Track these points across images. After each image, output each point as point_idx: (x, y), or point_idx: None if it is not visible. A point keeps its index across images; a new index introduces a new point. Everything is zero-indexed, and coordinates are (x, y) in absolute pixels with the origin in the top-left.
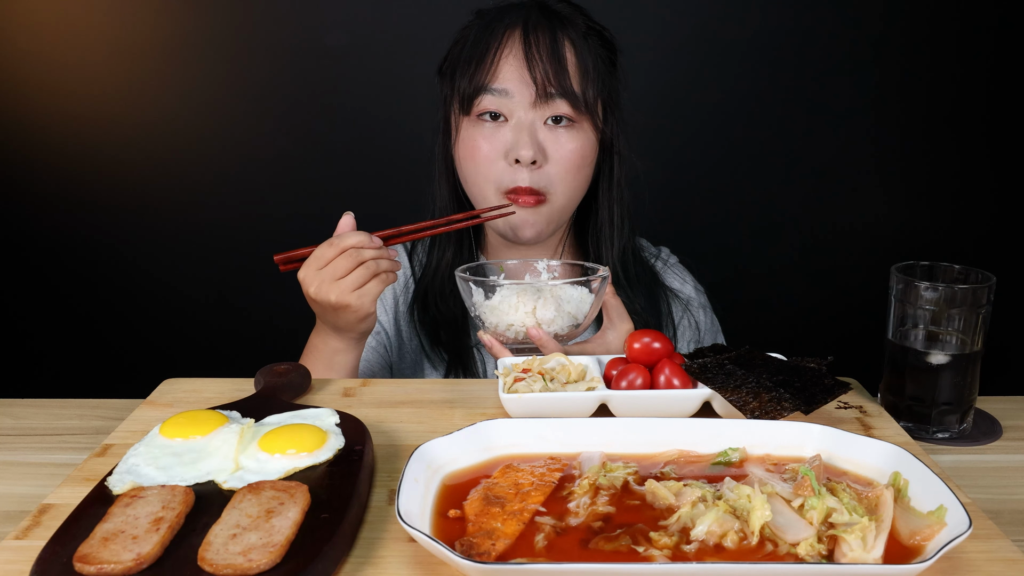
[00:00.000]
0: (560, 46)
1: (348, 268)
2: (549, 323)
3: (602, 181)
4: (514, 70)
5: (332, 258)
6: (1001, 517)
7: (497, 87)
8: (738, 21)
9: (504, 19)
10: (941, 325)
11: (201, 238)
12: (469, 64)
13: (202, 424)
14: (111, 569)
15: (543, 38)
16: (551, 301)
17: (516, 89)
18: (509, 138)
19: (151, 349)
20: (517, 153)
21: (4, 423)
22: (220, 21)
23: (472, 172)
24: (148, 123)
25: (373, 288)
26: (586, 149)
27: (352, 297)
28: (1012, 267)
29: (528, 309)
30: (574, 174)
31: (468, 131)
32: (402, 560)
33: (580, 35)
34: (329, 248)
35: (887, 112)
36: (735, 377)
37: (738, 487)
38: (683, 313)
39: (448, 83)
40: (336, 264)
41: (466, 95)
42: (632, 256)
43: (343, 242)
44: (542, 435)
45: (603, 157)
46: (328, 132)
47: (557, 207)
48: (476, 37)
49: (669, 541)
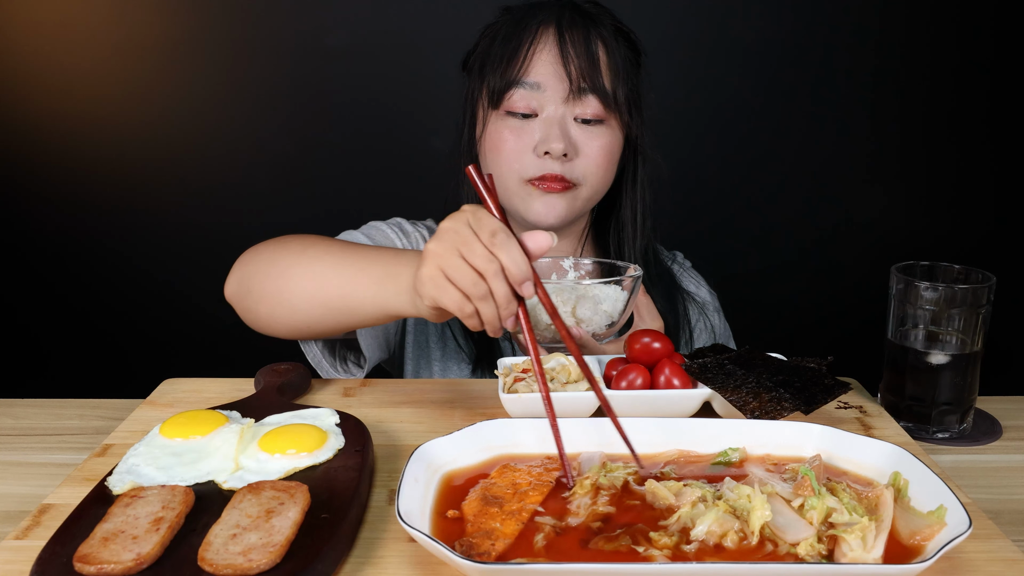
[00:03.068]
0: (593, 44)
1: (473, 263)
2: (588, 322)
3: (626, 180)
4: (547, 65)
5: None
6: (1001, 517)
7: (529, 81)
8: (738, 23)
9: (537, 15)
10: (941, 325)
11: (201, 238)
12: (501, 58)
13: (202, 424)
14: (111, 569)
15: (578, 35)
16: (589, 300)
17: (549, 83)
18: (539, 132)
19: (151, 349)
20: (548, 146)
21: (4, 423)
22: (221, 21)
23: (496, 164)
24: (148, 123)
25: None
26: (613, 146)
27: (432, 273)
28: (1012, 267)
29: (567, 309)
30: (605, 168)
31: (495, 124)
32: (402, 560)
33: (611, 34)
34: (489, 232)
35: (887, 112)
36: (735, 377)
37: (738, 487)
38: (699, 316)
39: (476, 78)
40: (474, 246)
41: (496, 89)
42: (653, 256)
43: (502, 248)
44: (542, 435)
45: (627, 156)
46: (329, 132)
47: (583, 196)
48: (508, 33)
49: (669, 541)
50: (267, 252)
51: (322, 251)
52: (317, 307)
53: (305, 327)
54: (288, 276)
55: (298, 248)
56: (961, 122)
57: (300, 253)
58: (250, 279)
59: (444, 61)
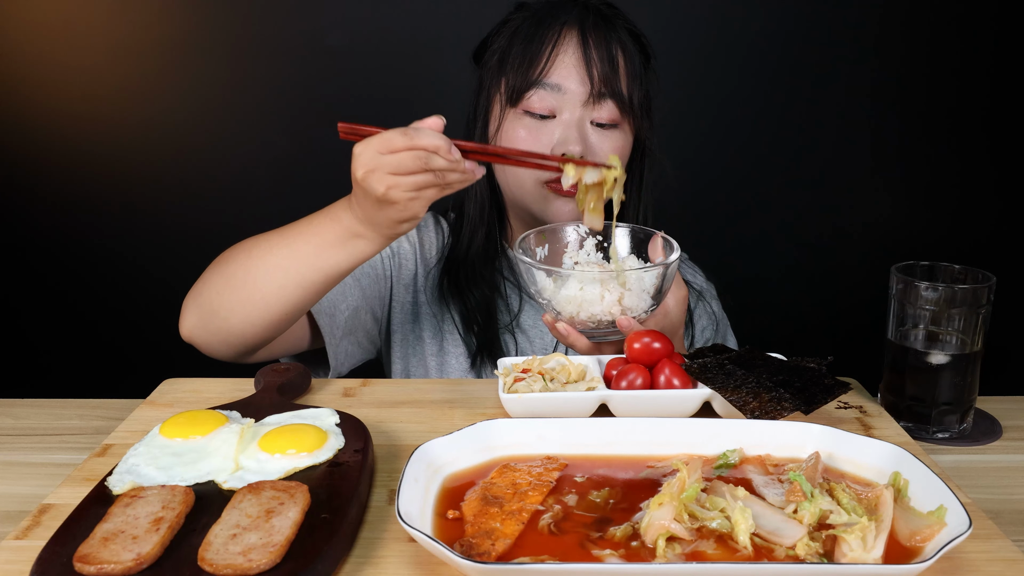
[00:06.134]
0: (613, 48)
1: (411, 169)
2: (634, 309)
3: (632, 181)
4: (569, 68)
5: (399, 149)
6: (1001, 517)
7: (551, 82)
8: (738, 23)
9: (560, 16)
10: (941, 325)
11: (201, 238)
12: (523, 58)
13: (202, 424)
14: (111, 569)
15: (600, 39)
16: (634, 287)
17: (569, 86)
18: (557, 134)
19: (151, 349)
20: (566, 148)
21: (4, 423)
22: (220, 21)
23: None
24: (148, 123)
25: (430, 194)
26: (626, 149)
27: (402, 195)
28: (1012, 267)
29: (614, 298)
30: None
31: (512, 123)
32: (402, 560)
33: (627, 38)
34: (401, 137)
35: (887, 112)
36: (735, 377)
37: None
38: (697, 301)
39: (492, 73)
40: (401, 158)
41: (516, 88)
42: None
43: (419, 139)
44: (542, 435)
45: (635, 157)
46: (329, 132)
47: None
48: (530, 32)
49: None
50: (214, 276)
51: (266, 246)
52: (293, 291)
53: (281, 317)
54: (252, 278)
55: (243, 255)
56: (961, 122)
57: (247, 257)
58: (211, 302)
59: (444, 61)
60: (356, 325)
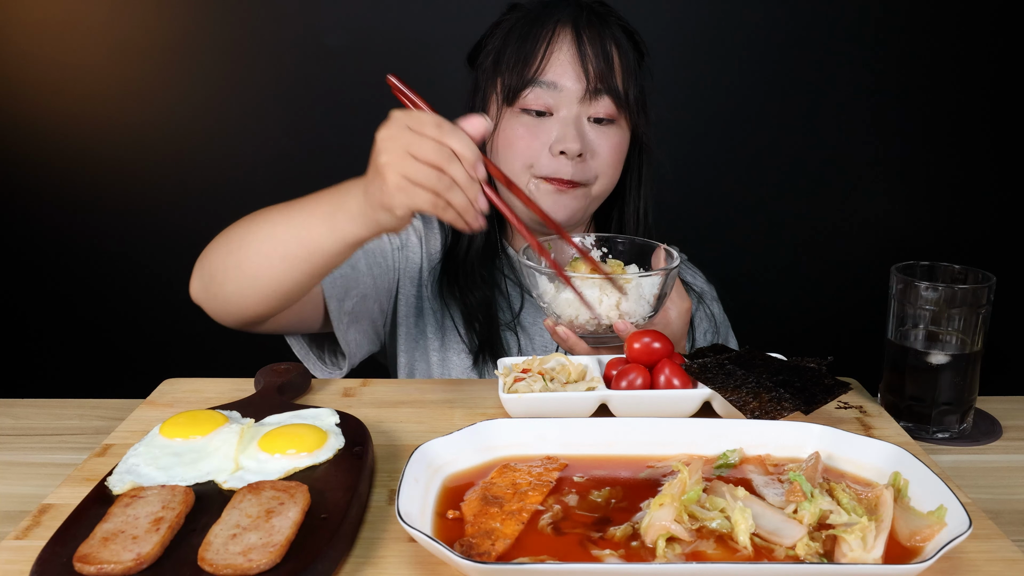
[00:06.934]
0: (608, 44)
1: (426, 158)
2: (632, 315)
3: (631, 177)
4: (565, 65)
5: (426, 135)
6: (1001, 517)
7: (546, 80)
8: (738, 22)
9: (553, 15)
10: (941, 325)
11: (202, 238)
12: (517, 57)
13: (202, 424)
14: (111, 569)
15: (594, 36)
16: (632, 293)
17: (565, 83)
18: (555, 131)
19: (151, 349)
20: (564, 146)
21: (4, 423)
22: (220, 21)
23: (510, 160)
24: (148, 123)
25: (421, 200)
26: (623, 145)
27: (396, 177)
28: (1012, 267)
29: (612, 303)
30: (615, 167)
31: (509, 121)
32: (402, 560)
33: (621, 34)
34: (434, 126)
35: (887, 112)
36: (735, 377)
37: (711, 499)
38: (698, 304)
39: (488, 73)
40: (422, 142)
41: (512, 87)
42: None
43: (449, 137)
44: (542, 435)
45: (632, 154)
46: (328, 132)
47: (593, 195)
48: (524, 31)
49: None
50: (219, 239)
51: (268, 215)
52: (277, 262)
53: (272, 292)
54: (244, 244)
55: (246, 222)
56: (961, 122)
57: (249, 223)
58: (210, 265)
59: (444, 60)
60: (363, 313)
